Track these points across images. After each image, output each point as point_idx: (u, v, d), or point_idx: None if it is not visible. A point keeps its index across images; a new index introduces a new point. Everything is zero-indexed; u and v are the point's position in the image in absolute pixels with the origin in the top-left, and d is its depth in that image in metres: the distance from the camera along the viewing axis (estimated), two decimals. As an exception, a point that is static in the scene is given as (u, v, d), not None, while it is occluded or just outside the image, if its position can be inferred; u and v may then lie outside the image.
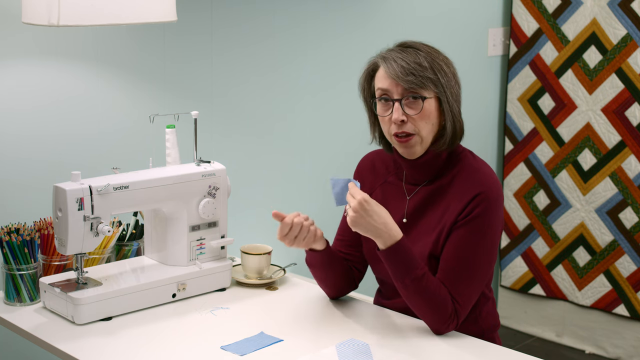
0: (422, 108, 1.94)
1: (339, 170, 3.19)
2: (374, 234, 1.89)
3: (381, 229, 1.88)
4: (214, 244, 2.22)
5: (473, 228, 1.95)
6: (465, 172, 2.01)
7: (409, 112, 1.95)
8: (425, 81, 1.93)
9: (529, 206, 3.84)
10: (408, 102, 1.95)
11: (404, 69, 1.93)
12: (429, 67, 1.94)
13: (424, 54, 1.96)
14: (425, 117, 1.96)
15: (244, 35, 2.84)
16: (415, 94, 1.94)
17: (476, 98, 3.76)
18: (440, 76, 1.95)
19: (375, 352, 1.86)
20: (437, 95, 1.96)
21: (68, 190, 1.95)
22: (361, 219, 1.87)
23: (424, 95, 1.94)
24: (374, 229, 1.89)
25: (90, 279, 2.07)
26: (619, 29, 3.47)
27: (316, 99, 3.11)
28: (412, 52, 1.96)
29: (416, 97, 1.94)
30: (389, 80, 1.96)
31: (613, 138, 3.55)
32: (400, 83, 1.94)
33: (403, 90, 1.95)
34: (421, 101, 1.94)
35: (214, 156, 2.64)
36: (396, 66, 1.94)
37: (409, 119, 1.96)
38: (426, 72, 1.93)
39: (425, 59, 1.95)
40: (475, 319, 2.05)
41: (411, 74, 1.93)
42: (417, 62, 1.94)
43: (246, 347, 1.87)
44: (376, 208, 1.89)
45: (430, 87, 1.94)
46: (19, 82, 2.34)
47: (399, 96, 1.96)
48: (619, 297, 3.61)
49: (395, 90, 1.96)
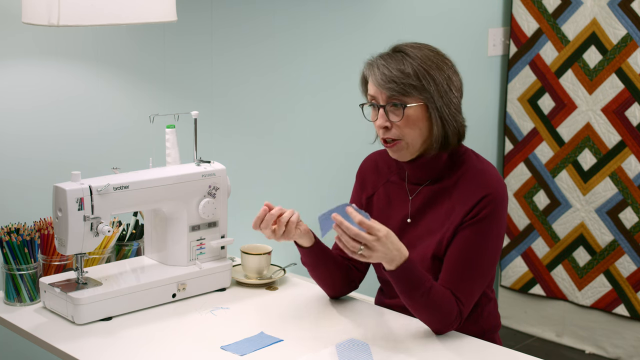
0: (403, 115, 1.94)
1: (339, 171, 3.19)
2: (387, 260, 1.85)
3: (395, 254, 1.85)
4: (214, 244, 2.22)
5: (479, 229, 1.95)
6: (470, 174, 2.00)
7: (392, 119, 1.95)
8: (407, 88, 1.92)
9: (529, 206, 3.84)
10: (391, 109, 1.95)
11: (385, 77, 1.93)
12: (413, 74, 1.92)
13: (410, 59, 1.93)
14: (410, 123, 1.95)
15: (244, 35, 2.84)
16: (397, 101, 1.94)
17: (476, 98, 3.76)
18: (426, 82, 1.92)
19: (375, 352, 1.86)
20: (423, 101, 1.94)
21: (68, 190, 1.95)
22: (379, 254, 1.83)
23: (405, 102, 1.93)
24: (389, 258, 1.85)
25: (90, 279, 2.07)
26: (619, 29, 3.48)
27: (316, 99, 3.11)
28: (399, 58, 1.94)
29: (396, 104, 1.94)
30: (374, 87, 1.97)
31: (613, 138, 3.55)
32: (382, 90, 1.94)
33: (386, 97, 1.95)
34: (402, 109, 1.94)
35: (214, 156, 2.64)
36: (378, 74, 1.94)
37: (393, 125, 1.95)
38: (409, 79, 1.92)
39: (411, 65, 1.92)
40: (476, 319, 2.05)
41: (392, 81, 1.92)
42: (400, 69, 1.92)
43: (246, 347, 1.87)
44: (392, 238, 1.83)
45: (413, 94, 1.93)
46: (19, 82, 2.34)
47: (383, 102, 1.96)
48: (619, 297, 3.61)
49: (380, 96, 1.96)
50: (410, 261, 1.87)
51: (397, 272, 1.87)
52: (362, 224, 1.80)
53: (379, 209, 2.11)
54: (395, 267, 1.86)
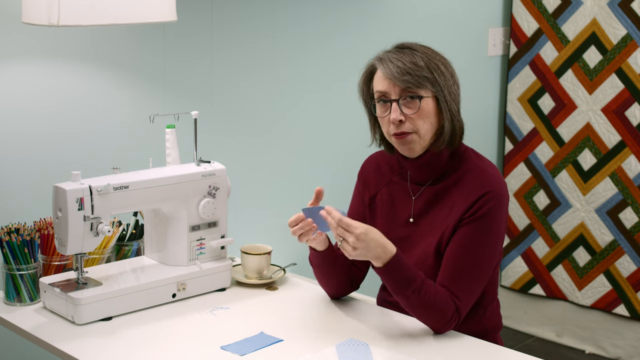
0: (419, 107, 1.95)
1: (339, 170, 3.19)
2: (372, 257, 1.88)
3: (379, 252, 1.87)
4: (214, 244, 2.22)
5: (478, 227, 1.95)
6: (472, 173, 2.01)
7: (407, 112, 1.96)
8: (422, 80, 1.94)
9: (529, 206, 3.84)
10: (405, 102, 1.96)
11: (400, 69, 1.94)
12: (425, 66, 1.95)
13: (420, 54, 1.97)
14: (424, 115, 1.96)
15: (244, 35, 2.84)
16: (413, 93, 1.95)
17: (476, 98, 3.76)
18: (437, 75, 1.96)
19: (375, 352, 1.86)
20: (434, 94, 1.97)
21: (68, 190, 1.95)
22: (361, 251, 1.86)
23: (421, 94, 1.95)
24: (373, 255, 1.87)
25: (90, 279, 2.07)
26: (619, 29, 3.48)
27: (316, 98, 3.11)
28: (408, 52, 1.97)
29: (413, 96, 1.95)
30: (386, 82, 1.97)
31: (613, 138, 3.55)
32: (397, 83, 1.95)
33: (400, 91, 1.96)
34: (418, 100, 1.95)
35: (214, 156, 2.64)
36: (393, 67, 1.95)
37: (407, 118, 1.96)
38: (423, 71, 1.95)
39: (422, 59, 1.96)
40: (479, 318, 2.05)
41: (407, 73, 1.94)
42: (414, 61, 1.95)
43: (246, 347, 1.87)
44: (372, 235, 1.86)
45: (427, 86, 1.95)
46: (19, 82, 2.34)
47: (396, 96, 1.96)
48: (619, 297, 3.61)
49: (392, 90, 1.97)
50: (397, 259, 1.88)
51: (384, 269, 1.89)
52: (340, 222, 1.85)
53: (382, 209, 2.12)
54: (382, 264, 1.88)
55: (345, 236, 1.85)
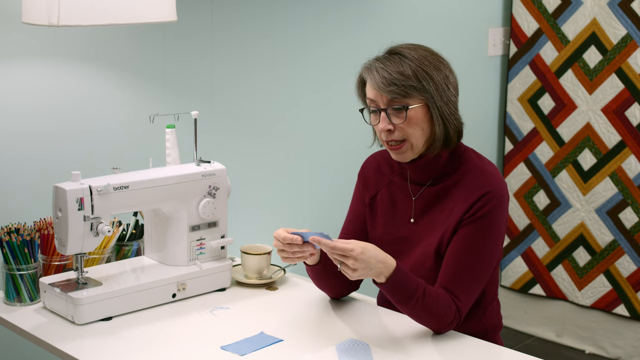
0: (406, 117, 1.94)
1: (338, 171, 3.19)
2: (375, 274, 1.86)
3: (381, 267, 1.85)
4: (214, 244, 2.22)
5: (478, 227, 1.95)
6: (472, 173, 2.01)
7: (395, 122, 1.95)
8: (408, 90, 1.92)
9: (529, 206, 3.84)
10: (393, 112, 1.95)
11: (385, 80, 1.92)
12: (412, 75, 1.92)
13: (409, 60, 1.93)
14: (413, 124, 1.95)
15: (244, 35, 2.84)
16: (398, 104, 1.94)
17: (476, 98, 3.76)
18: (426, 83, 1.93)
19: (375, 352, 1.86)
20: (424, 101, 1.94)
21: (68, 190, 1.95)
22: (363, 271, 1.83)
23: (407, 104, 1.93)
24: (375, 272, 1.85)
25: (90, 279, 2.07)
26: (619, 29, 3.48)
27: (316, 99, 3.11)
28: (396, 60, 1.94)
29: (398, 107, 1.94)
30: (374, 91, 1.96)
31: (613, 138, 3.55)
32: (383, 94, 1.94)
33: (388, 100, 1.94)
34: (404, 111, 1.94)
35: (214, 156, 2.64)
36: (378, 77, 1.93)
37: (396, 127, 1.95)
38: (409, 80, 1.92)
39: (410, 67, 1.92)
40: (479, 318, 2.05)
41: (393, 84, 1.92)
42: (400, 71, 1.92)
43: (246, 347, 1.87)
44: (370, 252, 1.83)
45: (414, 95, 1.93)
46: (19, 82, 2.34)
47: (384, 106, 1.95)
48: (619, 297, 3.61)
49: (380, 100, 1.96)
50: (399, 271, 1.87)
51: (387, 284, 1.87)
52: (334, 249, 1.81)
53: (382, 210, 2.11)
54: (385, 279, 1.87)
55: (343, 260, 1.83)
